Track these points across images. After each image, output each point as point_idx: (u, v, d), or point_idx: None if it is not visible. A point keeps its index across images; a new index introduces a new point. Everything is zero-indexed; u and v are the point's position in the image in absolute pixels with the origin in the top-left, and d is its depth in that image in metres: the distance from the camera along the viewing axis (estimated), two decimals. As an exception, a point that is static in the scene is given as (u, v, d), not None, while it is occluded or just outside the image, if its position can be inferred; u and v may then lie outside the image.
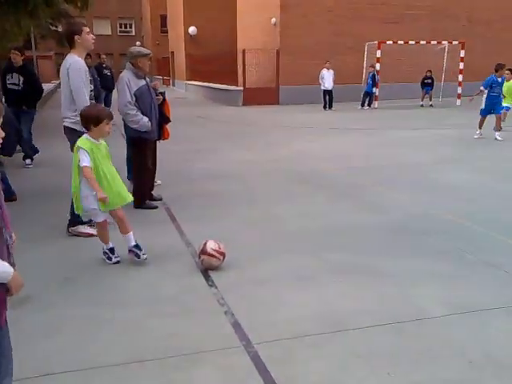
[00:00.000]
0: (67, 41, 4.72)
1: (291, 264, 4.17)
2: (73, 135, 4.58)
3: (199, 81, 27.99)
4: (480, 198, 6.21)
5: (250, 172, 7.91)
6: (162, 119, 6.21)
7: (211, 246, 3.95)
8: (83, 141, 3.98)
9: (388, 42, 18.38)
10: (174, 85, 37.99)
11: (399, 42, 18.61)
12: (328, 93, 18.05)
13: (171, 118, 6.69)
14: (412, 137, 11.41)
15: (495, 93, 10.87)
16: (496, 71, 10.94)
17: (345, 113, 17.04)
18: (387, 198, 6.29)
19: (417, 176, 7.44)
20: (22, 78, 8.25)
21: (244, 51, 20.70)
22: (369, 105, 18.42)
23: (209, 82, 25.54)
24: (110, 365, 2.75)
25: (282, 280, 3.86)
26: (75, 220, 4.83)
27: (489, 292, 3.59)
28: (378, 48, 18.13)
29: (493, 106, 10.82)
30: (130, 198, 4.27)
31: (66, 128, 4.77)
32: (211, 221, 5.36)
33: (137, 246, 4.13)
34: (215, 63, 24.54)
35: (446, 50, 19.30)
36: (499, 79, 10.87)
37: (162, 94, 6.29)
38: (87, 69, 4.71)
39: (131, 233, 4.15)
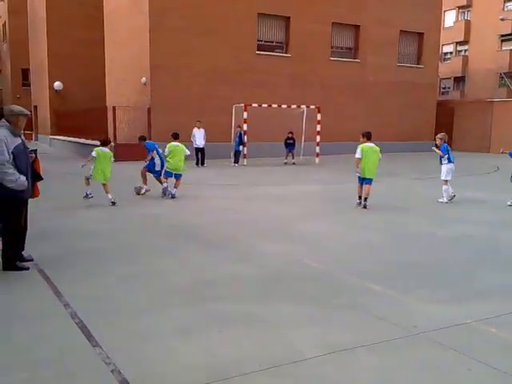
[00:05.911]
0: None
1: (174, 316, 4.27)
2: None
3: (65, 136, 27.06)
4: (341, 247, 6.88)
5: (122, 229, 7.89)
6: (34, 177, 6.04)
7: None
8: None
9: (253, 105, 19.67)
10: (37, 139, 36.13)
11: (263, 105, 20.01)
12: (200, 150, 18.66)
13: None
14: (278, 192, 12.22)
15: None
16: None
17: (216, 169, 17.66)
18: (260, 248, 6.68)
19: (285, 228, 8.00)
20: None
21: (114, 108, 20.67)
22: (237, 162, 19.33)
23: (76, 137, 24.80)
24: None
25: (166, 333, 3.95)
26: None
27: (355, 332, 4.02)
28: (245, 110, 19.30)
29: None
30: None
31: None
32: (88, 279, 5.27)
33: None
34: (82, 118, 24.01)
35: (305, 113, 21.14)
36: None
37: (35, 151, 6.15)
38: None
39: None
